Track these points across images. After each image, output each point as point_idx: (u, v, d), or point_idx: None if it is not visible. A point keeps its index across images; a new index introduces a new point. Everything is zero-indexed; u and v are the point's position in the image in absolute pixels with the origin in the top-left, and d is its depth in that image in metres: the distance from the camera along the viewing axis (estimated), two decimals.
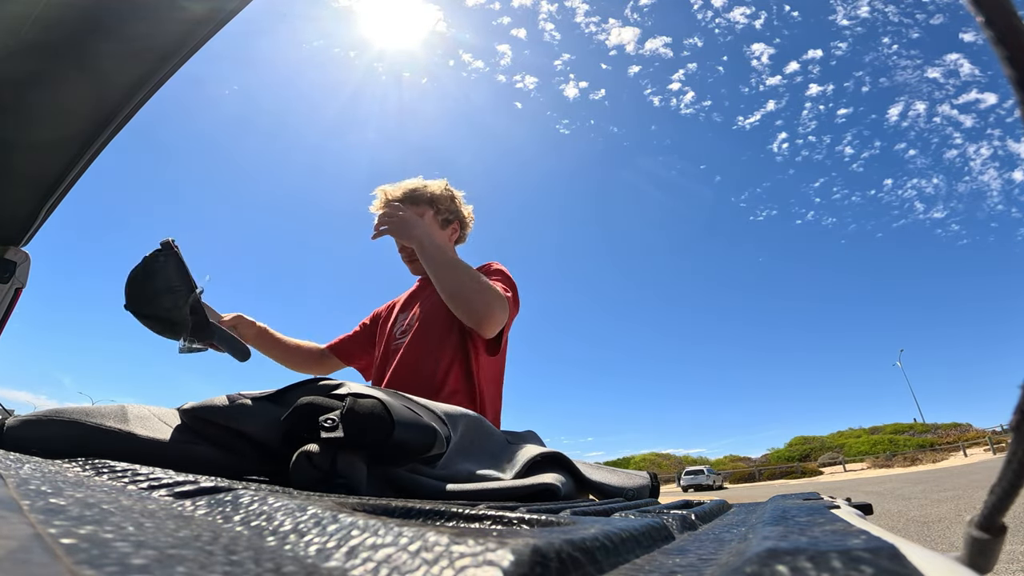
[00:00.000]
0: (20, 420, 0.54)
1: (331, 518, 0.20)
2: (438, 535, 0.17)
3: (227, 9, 1.07)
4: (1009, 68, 0.18)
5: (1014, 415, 0.22)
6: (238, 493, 0.25)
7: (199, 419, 0.56)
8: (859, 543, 0.17)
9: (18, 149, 1.28)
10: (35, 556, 0.12)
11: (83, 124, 1.24)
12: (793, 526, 0.26)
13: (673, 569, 0.21)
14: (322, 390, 0.56)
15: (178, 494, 0.27)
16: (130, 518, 0.18)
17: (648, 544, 0.26)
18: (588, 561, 0.19)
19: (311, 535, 0.19)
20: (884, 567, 0.14)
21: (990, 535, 0.25)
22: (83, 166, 1.36)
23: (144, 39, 1.10)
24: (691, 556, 0.24)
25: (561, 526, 0.25)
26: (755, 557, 0.16)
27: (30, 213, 1.48)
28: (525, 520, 0.27)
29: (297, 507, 0.22)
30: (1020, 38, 0.18)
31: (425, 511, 0.29)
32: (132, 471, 0.32)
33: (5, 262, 1.57)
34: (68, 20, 1.00)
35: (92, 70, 1.12)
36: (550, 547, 0.17)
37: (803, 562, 0.15)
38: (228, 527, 0.21)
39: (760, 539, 0.21)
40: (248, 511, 0.23)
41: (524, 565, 0.15)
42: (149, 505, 0.22)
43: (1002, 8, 0.18)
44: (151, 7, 1.04)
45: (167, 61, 1.14)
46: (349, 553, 0.17)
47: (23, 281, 1.62)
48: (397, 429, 0.49)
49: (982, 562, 0.26)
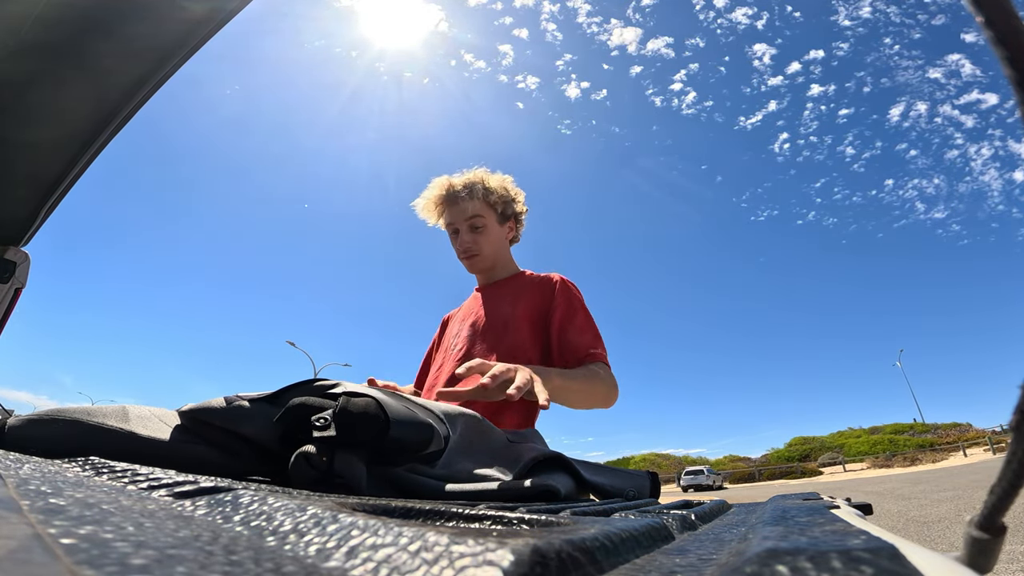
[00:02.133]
0: (22, 420, 0.54)
1: (331, 518, 0.20)
2: (438, 535, 0.17)
3: (227, 9, 1.07)
4: (1009, 68, 0.18)
5: (1014, 415, 0.22)
6: (238, 493, 0.25)
7: (198, 421, 0.56)
8: (859, 543, 0.17)
9: (18, 149, 1.28)
10: (35, 556, 0.12)
11: (83, 124, 1.24)
12: (793, 526, 0.26)
13: (673, 569, 0.21)
14: (317, 390, 0.56)
15: (178, 494, 0.27)
16: (130, 518, 0.18)
17: (648, 544, 0.26)
18: (588, 561, 0.18)
19: (311, 535, 0.19)
20: (884, 567, 0.14)
21: (990, 535, 0.25)
22: (83, 166, 1.36)
23: (144, 39, 1.10)
24: (691, 556, 0.24)
25: (561, 526, 0.25)
26: (755, 557, 0.16)
27: (30, 213, 1.48)
28: (525, 520, 0.27)
29: (297, 507, 0.22)
30: (1020, 38, 0.18)
31: (425, 511, 0.29)
32: (132, 471, 0.32)
33: (5, 262, 1.57)
34: (68, 20, 1.00)
35: (92, 70, 1.12)
36: (550, 547, 0.17)
37: (803, 562, 0.15)
38: (228, 527, 0.21)
39: (760, 539, 0.21)
40: (248, 511, 0.23)
41: (524, 565, 0.15)
42: (149, 505, 0.22)
43: (1002, 8, 0.18)
44: (151, 7, 1.04)
45: (167, 61, 1.14)
46: (349, 553, 0.17)
47: (23, 281, 1.62)
48: (393, 426, 0.49)
49: (982, 562, 0.26)
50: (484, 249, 1.26)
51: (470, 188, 1.23)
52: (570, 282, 1.24)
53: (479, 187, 1.24)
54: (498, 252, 1.29)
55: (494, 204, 1.26)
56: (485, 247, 1.26)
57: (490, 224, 1.25)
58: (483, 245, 1.26)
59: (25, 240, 1.59)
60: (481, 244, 1.25)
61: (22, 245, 1.60)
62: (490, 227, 1.25)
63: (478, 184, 1.24)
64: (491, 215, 1.26)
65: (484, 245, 1.26)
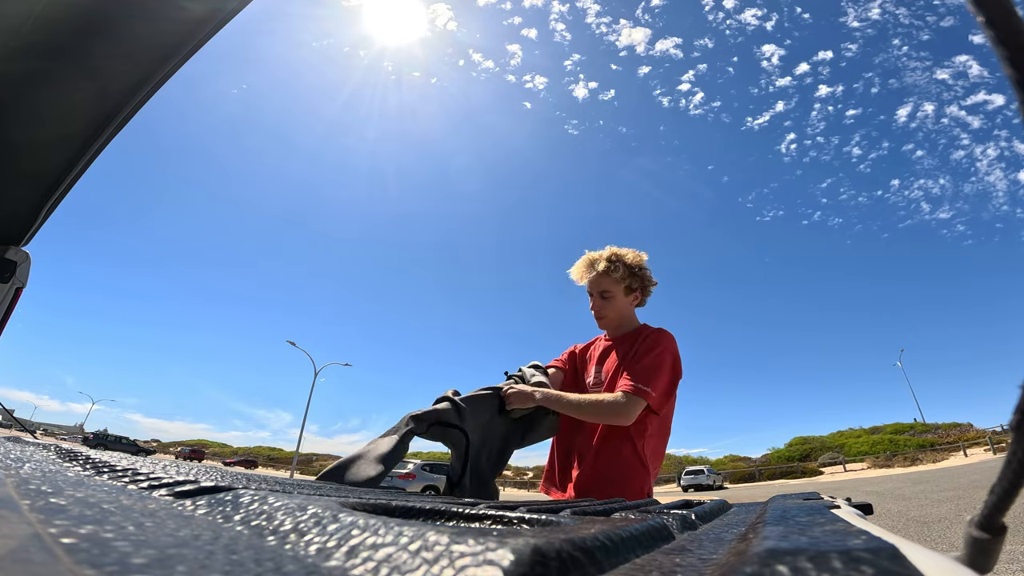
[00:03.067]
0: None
1: (331, 517, 0.20)
2: (438, 534, 0.17)
3: (227, 9, 1.07)
4: (1009, 68, 0.18)
5: (1014, 415, 0.22)
6: (238, 493, 0.25)
7: None
8: (859, 543, 0.17)
9: (18, 149, 1.28)
10: (35, 555, 0.12)
11: (83, 124, 1.24)
12: (793, 526, 0.26)
13: (673, 569, 0.21)
14: None
15: (178, 494, 0.27)
16: (130, 517, 0.18)
17: (648, 544, 0.26)
18: (588, 561, 0.18)
19: (311, 534, 0.19)
20: (884, 567, 0.14)
21: (990, 535, 0.25)
22: (83, 166, 1.36)
23: (144, 39, 1.10)
24: (691, 556, 0.24)
25: (561, 526, 0.25)
26: (755, 557, 0.16)
27: (30, 213, 1.48)
28: (525, 520, 0.27)
29: (297, 506, 0.22)
30: (1020, 38, 0.18)
31: (425, 510, 0.29)
32: (132, 471, 0.32)
33: (5, 262, 1.57)
34: (68, 20, 1.00)
35: (92, 70, 1.12)
36: (550, 547, 0.17)
37: (803, 562, 0.15)
38: (228, 527, 0.21)
39: (760, 539, 0.21)
40: (248, 510, 0.23)
41: (524, 565, 0.15)
42: (149, 505, 0.22)
43: (1002, 8, 0.18)
44: (151, 7, 1.04)
45: (167, 61, 1.14)
46: (349, 552, 0.17)
47: (23, 281, 1.62)
48: None
49: (982, 562, 0.26)
50: (609, 315, 1.62)
51: (608, 264, 1.58)
52: (666, 333, 1.54)
53: (613, 265, 1.59)
54: (622, 316, 1.63)
55: (623, 279, 1.60)
56: (610, 313, 1.62)
57: (617, 295, 1.60)
58: (608, 311, 1.61)
59: (26, 240, 1.59)
60: (607, 311, 1.61)
61: (23, 245, 1.60)
62: (617, 298, 1.60)
63: (615, 262, 1.59)
64: (619, 288, 1.60)
65: (609, 311, 1.61)
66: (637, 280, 1.63)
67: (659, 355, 1.46)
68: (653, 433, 1.46)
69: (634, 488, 1.39)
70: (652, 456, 1.45)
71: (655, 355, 1.46)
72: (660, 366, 1.44)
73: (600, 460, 1.44)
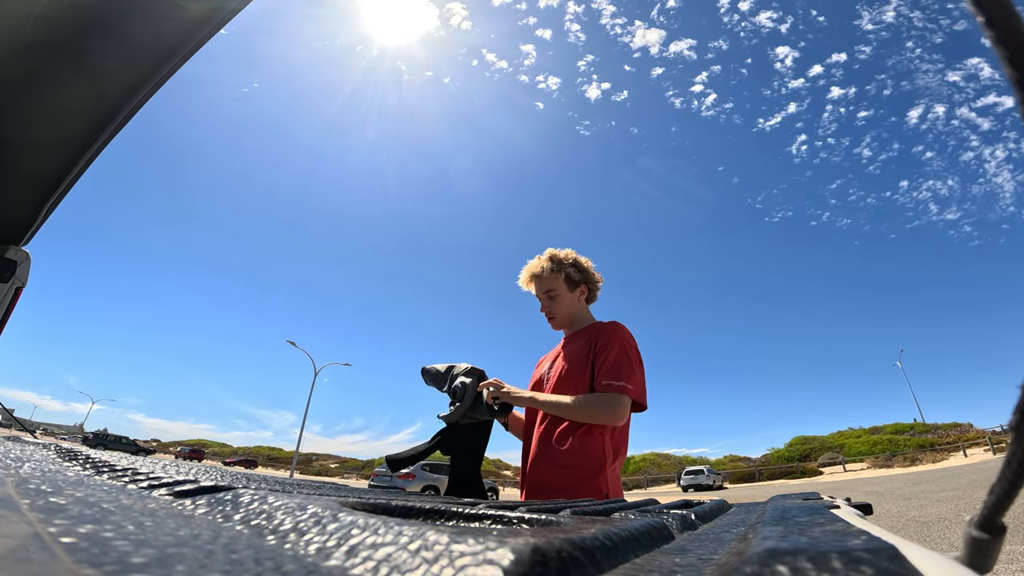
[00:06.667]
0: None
1: (331, 517, 0.20)
2: (438, 534, 0.17)
3: (227, 9, 1.07)
4: (1009, 68, 0.18)
5: (1014, 415, 0.22)
6: (238, 492, 0.25)
7: None
8: (859, 543, 0.17)
9: (18, 149, 1.28)
10: (35, 555, 0.12)
11: (83, 124, 1.24)
12: (793, 526, 0.26)
13: (673, 569, 0.21)
14: None
15: (178, 493, 0.27)
16: (130, 517, 0.18)
17: (648, 544, 0.26)
18: (588, 561, 0.18)
19: (311, 534, 0.19)
20: (884, 567, 0.14)
21: (990, 535, 0.25)
22: (83, 166, 1.36)
23: (144, 39, 1.10)
24: (691, 556, 0.24)
25: (561, 526, 0.25)
26: (755, 557, 0.16)
27: (30, 212, 1.48)
28: (525, 519, 0.27)
29: (297, 506, 0.22)
30: (1020, 38, 0.18)
31: (425, 510, 0.29)
32: (132, 470, 0.32)
33: (5, 261, 1.57)
34: (68, 20, 1.00)
35: (92, 70, 1.12)
36: (550, 546, 0.17)
37: (803, 562, 0.15)
38: (228, 526, 0.21)
39: (760, 539, 0.21)
40: (248, 510, 0.23)
41: (524, 564, 0.15)
42: (149, 504, 0.22)
43: (1002, 8, 0.18)
44: (151, 7, 1.04)
45: (167, 61, 1.14)
46: (349, 552, 0.17)
47: (23, 280, 1.62)
48: None
49: (982, 562, 0.26)
50: (558, 313, 1.63)
51: (547, 263, 1.62)
52: (619, 327, 1.52)
53: (551, 263, 1.62)
54: (571, 314, 1.63)
55: (560, 271, 1.62)
56: (559, 311, 1.63)
57: (562, 292, 1.62)
58: (557, 310, 1.63)
59: (26, 239, 1.59)
60: (556, 310, 1.63)
61: (23, 244, 1.60)
62: (562, 294, 1.62)
63: (552, 259, 1.63)
64: (560, 282, 1.62)
65: (558, 310, 1.63)
66: (578, 272, 1.64)
67: (620, 349, 1.45)
68: (611, 429, 1.46)
69: (592, 482, 1.38)
70: (614, 451, 1.44)
71: (617, 351, 1.45)
72: (627, 360, 1.43)
73: (546, 456, 1.44)
